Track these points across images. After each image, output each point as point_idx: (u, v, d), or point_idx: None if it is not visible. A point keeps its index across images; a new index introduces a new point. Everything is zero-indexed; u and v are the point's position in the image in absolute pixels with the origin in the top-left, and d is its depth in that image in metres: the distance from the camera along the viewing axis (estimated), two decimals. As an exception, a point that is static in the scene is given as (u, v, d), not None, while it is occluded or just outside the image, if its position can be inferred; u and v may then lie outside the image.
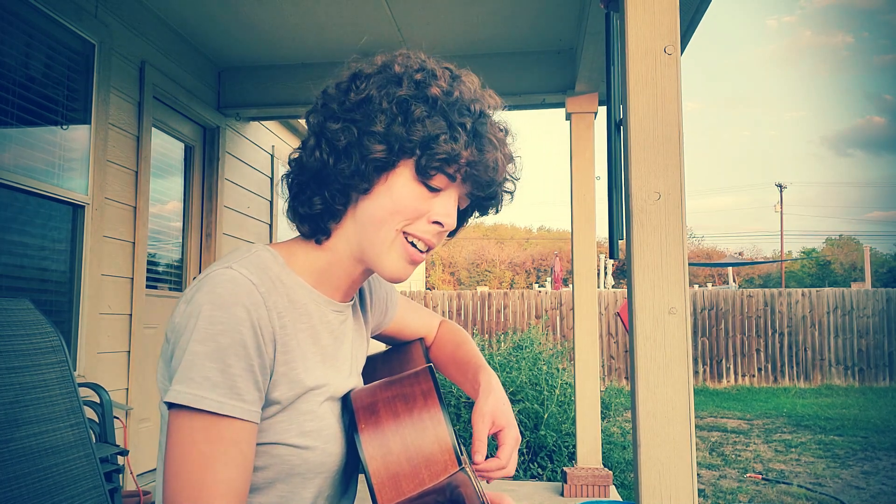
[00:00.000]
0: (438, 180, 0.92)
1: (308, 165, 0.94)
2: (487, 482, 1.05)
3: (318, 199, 0.94)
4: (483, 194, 0.97)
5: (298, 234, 1.00)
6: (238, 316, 0.83)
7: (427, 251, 0.96)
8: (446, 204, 0.94)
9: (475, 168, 0.93)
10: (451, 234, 1.04)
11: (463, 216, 1.04)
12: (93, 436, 1.43)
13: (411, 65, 0.94)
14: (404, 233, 0.93)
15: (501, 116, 1.01)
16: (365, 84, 0.93)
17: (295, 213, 0.98)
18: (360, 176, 0.91)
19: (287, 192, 0.99)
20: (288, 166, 1.00)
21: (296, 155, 0.98)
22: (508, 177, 1.02)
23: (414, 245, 0.94)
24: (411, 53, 0.97)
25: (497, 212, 1.05)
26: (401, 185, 0.92)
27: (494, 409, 1.03)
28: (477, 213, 1.04)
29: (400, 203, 0.92)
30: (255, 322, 0.84)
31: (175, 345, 0.85)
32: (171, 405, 0.81)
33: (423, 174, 0.91)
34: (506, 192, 1.03)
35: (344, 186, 0.93)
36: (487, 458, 1.03)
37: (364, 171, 0.91)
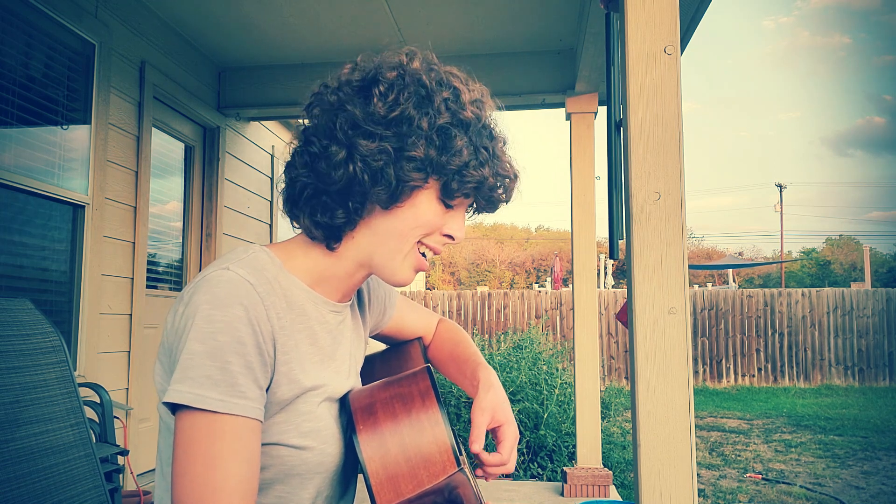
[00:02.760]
0: (458, 200, 0.96)
1: (334, 177, 0.91)
2: (486, 480, 1.05)
3: (342, 212, 0.93)
4: (490, 210, 1.02)
5: (300, 233, 1.00)
6: (236, 314, 0.83)
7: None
8: (459, 219, 0.98)
9: (493, 192, 0.97)
10: None
11: None
12: (93, 436, 1.43)
13: (435, 76, 0.94)
14: (418, 242, 0.96)
15: (500, 121, 1.04)
16: (394, 95, 0.90)
17: (310, 220, 0.95)
18: (393, 197, 0.92)
19: (289, 188, 0.96)
20: (293, 165, 0.96)
21: (301, 150, 0.95)
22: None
23: (423, 254, 0.98)
24: (419, 53, 0.97)
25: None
26: (426, 203, 0.94)
27: (494, 403, 1.04)
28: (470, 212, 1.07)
29: (422, 219, 0.94)
30: (253, 321, 0.84)
31: (174, 346, 0.85)
32: (174, 406, 0.81)
33: (449, 196, 0.94)
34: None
35: (368, 200, 0.93)
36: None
37: (397, 193, 0.92)
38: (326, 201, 0.93)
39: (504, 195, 0.99)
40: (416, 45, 0.99)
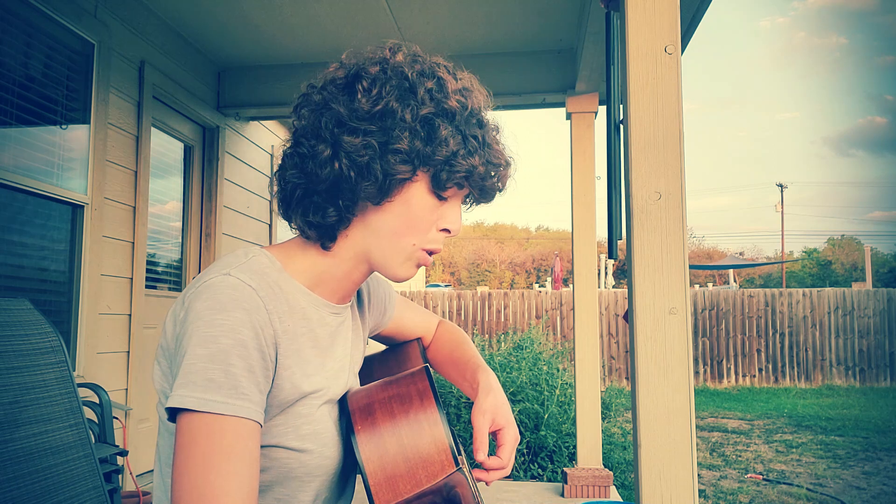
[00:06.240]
0: (450, 191, 0.94)
1: (322, 176, 0.90)
2: (487, 484, 1.05)
3: (333, 210, 0.92)
4: (486, 201, 1.00)
5: (298, 235, 0.99)
6: (239, 318, 0.82)
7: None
8: (454, 211, 0.97)
9: (486, 180, 0.95)
10: None
11: None
12: (92, 436, 1.42)
13: (418, 68, 0.93)
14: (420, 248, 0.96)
15: (494, 113, 1.02)
16: (377, 90, 0.90)
17: (302, 220, 0.95)
18: (382, 192, 0.91)
19: (282, 190, 0.96)
20: (285, 167, 0.96)
21: (291, 152, 0.95)
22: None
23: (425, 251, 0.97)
24: (404, 46, 0.97)
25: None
26: (417, 196, 0.92)
27: (494, 407, 1.03)
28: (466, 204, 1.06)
29: (415, 215, 0.93)
30: (255, 325, 0.84)
31: (174, 352, 0.85)
32: (175, 410, 0.80)
33: (440, 187, 0.92)
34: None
35: (358, 197, 0.92)
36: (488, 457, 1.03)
37: (386, 188, 0.90)
38: (317, 201, 0.93)
39: (498, 183, 0.98)
40: (410, 42, 0.99)
